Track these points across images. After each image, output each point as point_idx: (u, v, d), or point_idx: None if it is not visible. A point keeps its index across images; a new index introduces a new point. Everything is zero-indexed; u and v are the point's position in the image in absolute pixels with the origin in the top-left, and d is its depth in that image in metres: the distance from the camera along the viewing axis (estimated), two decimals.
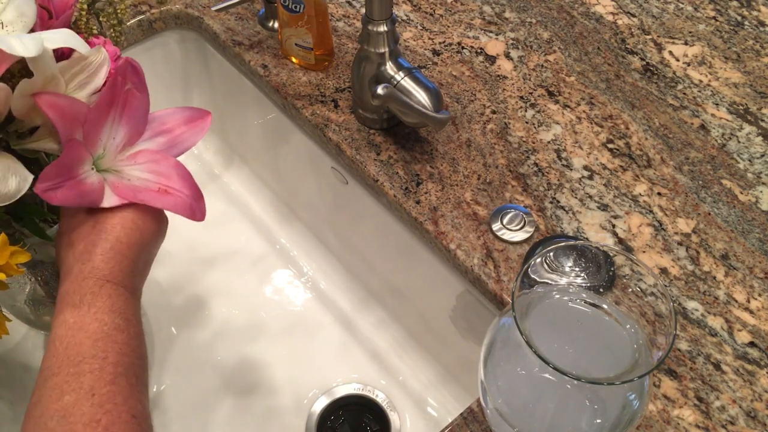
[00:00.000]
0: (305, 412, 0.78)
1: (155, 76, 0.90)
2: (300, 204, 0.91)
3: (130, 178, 0.51)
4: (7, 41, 0.42)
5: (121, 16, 0.55)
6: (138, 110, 0.51)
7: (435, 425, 0.78)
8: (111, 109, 0.49)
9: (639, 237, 0.63)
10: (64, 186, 0.47)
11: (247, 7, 0.84)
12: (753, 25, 0.82)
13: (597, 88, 0.75)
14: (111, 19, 0.55)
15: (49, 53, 0.45)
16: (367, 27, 0.64)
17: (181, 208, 0.52)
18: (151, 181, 0.51)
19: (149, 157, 0.52)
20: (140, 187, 0.51)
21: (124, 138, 0.51)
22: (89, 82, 0.48)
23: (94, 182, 0.49)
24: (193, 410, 0.78)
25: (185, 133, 0.54)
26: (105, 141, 0.50)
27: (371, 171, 0.68)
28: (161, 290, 0.87)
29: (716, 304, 0.59)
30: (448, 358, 0.79)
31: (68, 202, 0.47)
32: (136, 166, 0.52)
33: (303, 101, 0.74)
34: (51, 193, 0.46)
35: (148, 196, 0.51)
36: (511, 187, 0.67)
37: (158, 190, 0.51)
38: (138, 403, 0.45)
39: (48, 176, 0.46)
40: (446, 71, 0.77)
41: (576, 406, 0.44)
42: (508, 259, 0.62)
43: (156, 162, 0.52)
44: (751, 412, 0.54)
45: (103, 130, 0.49)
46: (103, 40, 0.51)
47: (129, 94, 0.50)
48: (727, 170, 0.68)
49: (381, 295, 0.85)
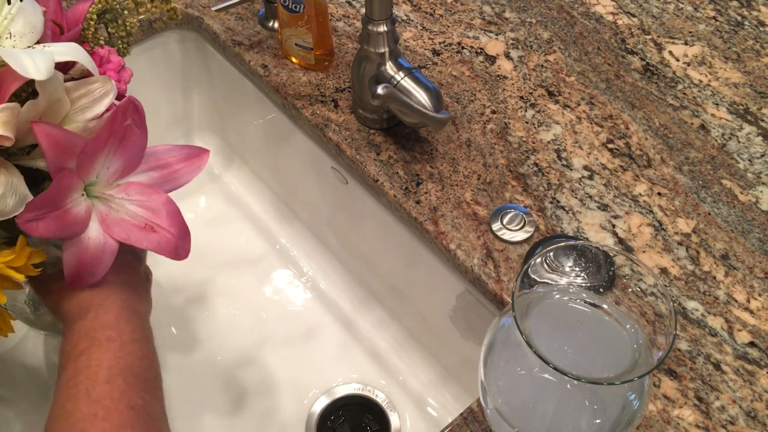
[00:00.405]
0: (305, 412, 0.78)
1: (155, 76, 0.90)
2: (300, 204, 0.91)
3: (119, 209, 0.51)
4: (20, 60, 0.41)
5: (131, 29, 0.55)
6: (135, 146, 0.51)
7: (435, 425, 0.78)
8: (108, 142, 0.49)
9: (639, 237, 0.63)
10: (47, 217, 0.46)
11: (247, 7, 0.84)
12: (753, 25, 0.82)
13: (597, 88, 0.75)
14: (120, 30, 0.55)
15: (59, 77, 0.45)
16: (367, 27, 0.64)
17: (165, 247, 0.52)
18: (139, 215, 0.51)
19: (140, 190, 0.52)
20: (128, 222, 0.51)
21: (119, 168, 0.51)
22: (91, 107, 0.48)
23: (80, 211, 0.49)
24: (193, 410, 0.78)
25: (181, 170, 0.54)
26: (99, 170, 0.50)
27: (371, 171, 0.68)
28: (161, 290, 0.87)
29: (716, 304, 0.59)
30: (448, 358, 0.79)
31: (50, 234, 0.47)
32: (127, 198, 0.52)
33: (303, 101, 0.74)
34: (32, 224, 0.46)
35: (134, 234, 0.51)
36: (511, 187, 0.67)
37: (144, 227, 0.51)
38: (137, 398, 0.47)
39: (32, 207, 0.46)
40: (446, 71, 0.77)
41: (576, 406, 0.44)
42: (508, 259, 0.62)
43: (147, 196, 0.52)
44: (751, 412, 0.54)
45: (99, 160, 0.49)
46: (108, 50, 0.51)
47: (128, 129, 0.50)
48: (727, 170, 0.68)
49: (381, 295, 0.85)
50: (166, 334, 0.83)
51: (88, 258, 0.50)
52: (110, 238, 0.50)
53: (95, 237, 0.50)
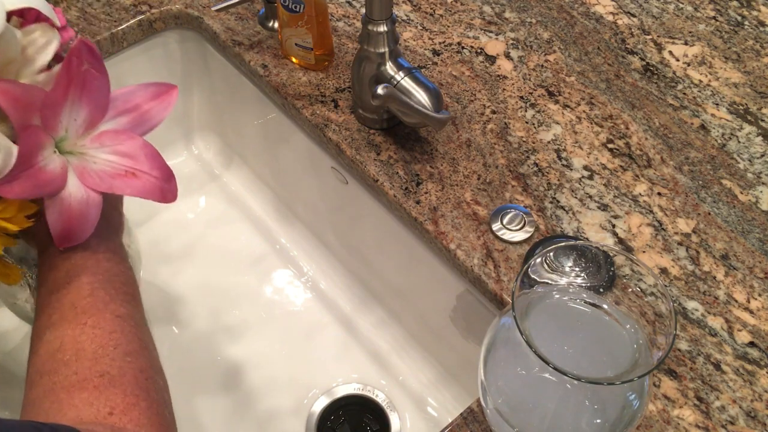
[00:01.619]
0: (305, 412, 0.78)
1: (155, 76, 0.90)
2: (300, 204, 0.91)
3: (96, 161, 0.49)
4: None
5: None
6: (98, 90, 0.49)
7: (435, 425, 0.78)
8: (69, 90, 0.47)
9: (639, 237, 0.63)
10: (20, 177, 0.44)
11: (247, 7, 0.84)
12: (753, 25, 0.82)
13: (597, 88, 0.75)
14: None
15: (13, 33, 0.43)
16: (367, 27, 0.64)
17: (150, 191, 0.49)
18: (117, 163, 0.49)
19: (114, 137, 0.50)
20: (107, 172, 0.49)
21: (87, 118, 0.49)
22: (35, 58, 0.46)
23: (55, 168, 0.47)
24: (193, 410, 0.78)
25: (152, 110, 0.52)
26: (66, 123, 0.47)
27: (371, 171, 0.68)
28: (161, 290, 0.87)
29: (716, 304, 0.59)
30: (448, 358, 0.79)
31: (26, 194, 0.45)
32: (102, 148, 0.49)
33: (303, 101, 0.74)
34: (6, 186, 0.44)
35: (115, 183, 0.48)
36: (511, 187, 0.67)
37: (125, 174, 0.49)
38: (121, 307, 0.48)
39: None
40: (446, 71, 0.77)
41: (576, 406, 0.44)
42: (508, 259, 0.62)
43: (121, 142, 0.50)
44: (751, 412, 0.54)
45: (63, 112, 0.47)
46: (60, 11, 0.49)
47: (87, 74, 0.47)
48: (727, 170, 0.68)
49: (381, 295, 0.85)
50: (166, 334, 0.83)
51: (74, 215, 0.48)
52: (92, 192, 0.48)
53: (76, 192, 0.48)
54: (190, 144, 1.00)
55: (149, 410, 0.44)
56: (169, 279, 0.88)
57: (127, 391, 0.43)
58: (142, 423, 0.43)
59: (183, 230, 0.94)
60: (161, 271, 0.88)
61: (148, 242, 0.90)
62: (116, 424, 0.42)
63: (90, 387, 0.43)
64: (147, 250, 0.86)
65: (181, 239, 0.92)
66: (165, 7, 0.84)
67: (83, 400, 0.42)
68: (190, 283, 0.88)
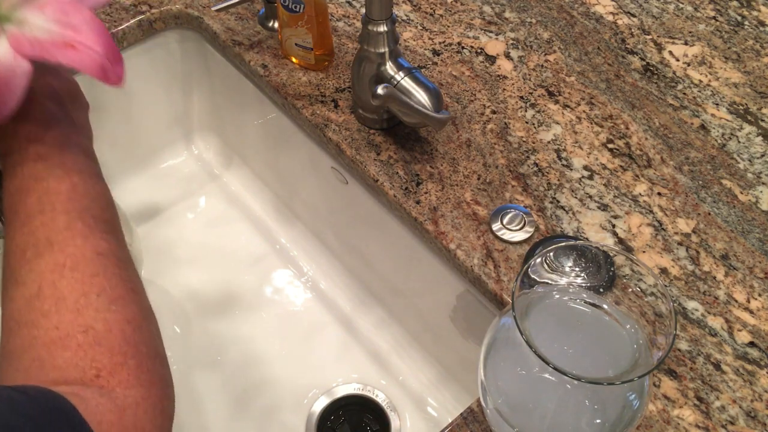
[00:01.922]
0: (305, 412, 0.78)
1: (155, 76, 0.90)
2: (300, 204, 0.91)
3: (32, 29, 0.45)
4: None
5: None
6: None
7: (435, 425, 0.78)
8: None
9: (639, 237, 0.63)
10: None
11: (247, 7, 0.84)
12: (753, 25, 0.82)
13: (597, 88, 0.75)
14: None
15: None
16: (367, 27, 0.64)
17: (88, 65, 0.45)
18: (56, 32, 0.45)
19: (59, 8, 0.46)
20: (43, 40, 0.45)
21: None
22: None
23: None
24: (193, 410, 0.78)
25: None
26: None
27: (371, 171, 0.68)
28: (161, 290, 0.87)
29: (716, 304, 0.59)
30: (448, 358, 0.79)
31: None
32: (42, 17, 0.45)
33: (303, 101, 0.74)
34: None
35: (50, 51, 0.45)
36: (511, 187, 0.67)
37: (63, 45, 0.45)
38: (102, 241, 0.44)
39: None
40: (446, 71, 0.77)
41: (576, 406, 0.44)
42: (508, 259, 0.62)
43: (65, 13, 0.46)
44: (751, 412, 0.54)
45: None
46: None
47: None
48: (727, 170, 0.68)
49: (381, 295, 0.85)
50: (167, 334, 0.83)
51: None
52: (21, 59, 0.45)
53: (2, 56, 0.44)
54: (190, 144, 1.00)
55: (138, 369, 0.41)
56: (169, 279, 0.88)
57: (114, 350, 0.40)
58: (132, 383, 0.40)
59: (183, 230, 0.94)
60: (161, 271, 0.88)
61: (149, 242, 0.90)
62: (104, 386, 0.39)
63: (74, 345, 0.40)
64: (147, 249, 0.87)
65: (181, 239, 0.92)
66: (165, 7, 0.84)
67: (67, 360, 0.39)
68: (190, 282, 0.88)
